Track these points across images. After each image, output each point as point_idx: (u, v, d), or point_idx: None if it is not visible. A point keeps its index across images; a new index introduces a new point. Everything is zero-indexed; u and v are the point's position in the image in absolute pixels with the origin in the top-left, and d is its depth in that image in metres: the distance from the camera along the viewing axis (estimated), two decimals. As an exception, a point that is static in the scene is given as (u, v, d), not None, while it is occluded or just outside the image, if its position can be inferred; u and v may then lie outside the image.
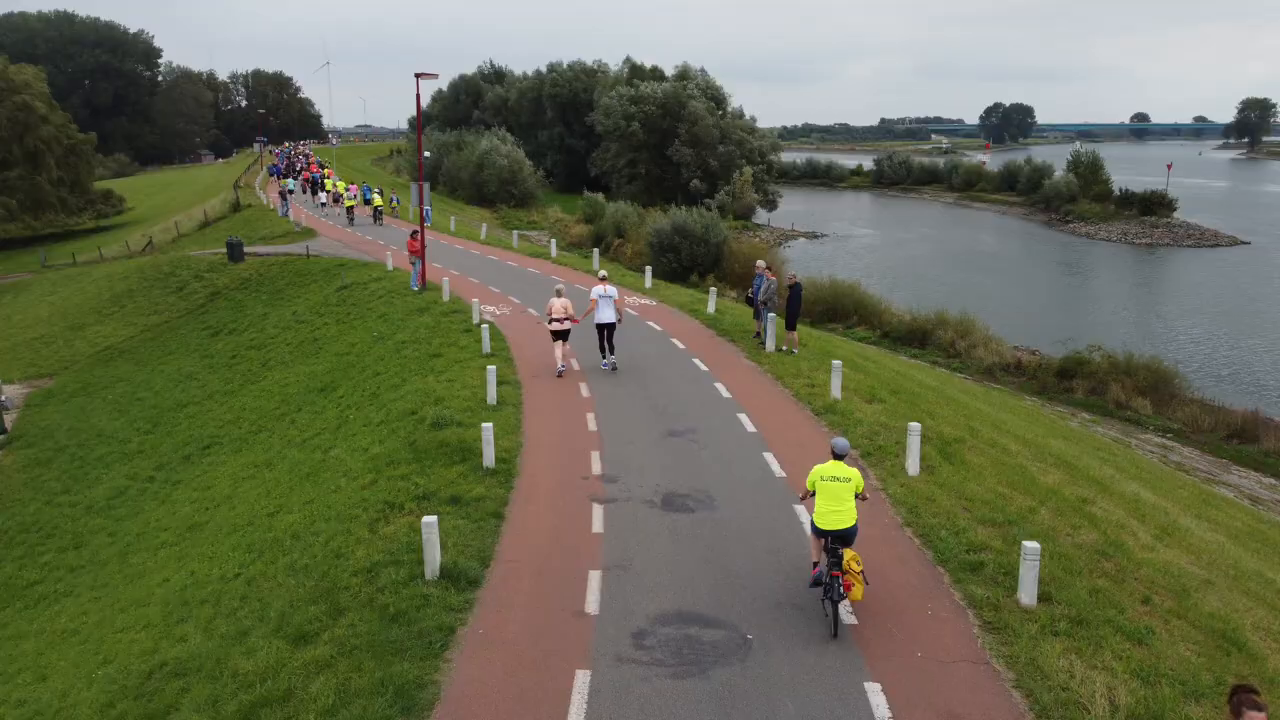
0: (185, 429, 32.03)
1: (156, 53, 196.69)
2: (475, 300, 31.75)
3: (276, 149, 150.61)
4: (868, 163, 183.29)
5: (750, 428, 20.46)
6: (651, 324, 30.68)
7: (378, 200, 64.36)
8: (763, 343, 26.93)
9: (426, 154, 48.42)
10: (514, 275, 41.13)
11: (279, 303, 41.87)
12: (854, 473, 12.59)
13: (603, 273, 30.25)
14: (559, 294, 24.88)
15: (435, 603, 13.04)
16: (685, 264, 61.63)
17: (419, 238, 36.61)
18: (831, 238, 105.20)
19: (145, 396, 36.60)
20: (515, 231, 62.19)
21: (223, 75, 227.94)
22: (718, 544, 14.87)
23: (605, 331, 25.14)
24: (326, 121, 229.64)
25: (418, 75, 36.17)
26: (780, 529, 15.34)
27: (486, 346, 26.96)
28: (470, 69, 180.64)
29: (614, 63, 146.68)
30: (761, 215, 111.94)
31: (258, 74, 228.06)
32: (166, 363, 39.84)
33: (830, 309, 50.28)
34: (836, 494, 12.45)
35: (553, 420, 21.30)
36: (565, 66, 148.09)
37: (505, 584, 13.72)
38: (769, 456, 18.69)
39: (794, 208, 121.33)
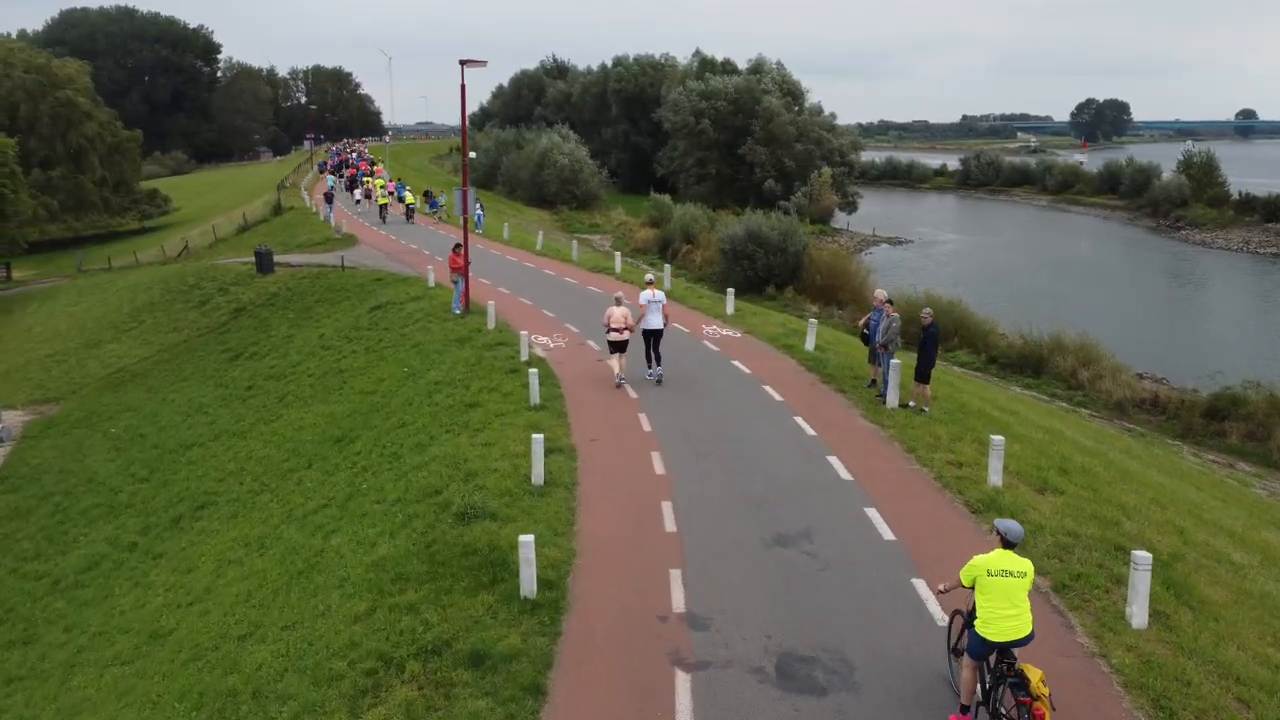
0: (183, 479, 27.22)
1: (216, 48, 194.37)
2: (524, 332, 26.49)
3: (332, 145, 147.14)
4: (952, 162, 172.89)
5: (886, 533, 14.97)
6: (738, 364, 25.15)
7: (410, 199, 62.89)
8: (882, 396, 21.35)
9: (473, 154, 43.36)
10: (572, 295, 35.77)
11: (306, 323, 37.02)
12: (1028, 565, 9.81)
13: (649, 276, 26.92)
14: (618, 302, 23.35)
15: None
16: (761, 274, 55.91)
17: (462, 253, 31.50)
18: (916, 243, 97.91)
19: (149, 433, 31.95)
20: (574, 240, 57.11)
21: (282, 71, 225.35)
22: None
23: (652, 339, 23.41)
24: (387, 118, 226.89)
25: (463, 62, 31.21)
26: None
27: (535, 395, 21.66)
28: (535, 64, 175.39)
29: (683, 56, 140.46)
30: (840, 218, 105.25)
31: (317, 70, 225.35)
32: (178, 391, 35.21)
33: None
34: (1009, 593, 9.63)
35: (617, 512, 16.01)
36: (631, 60, 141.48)
37: None
38: (920, 586, 13.21)
39: (873, 209, 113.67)
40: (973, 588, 9.88)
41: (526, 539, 13.09)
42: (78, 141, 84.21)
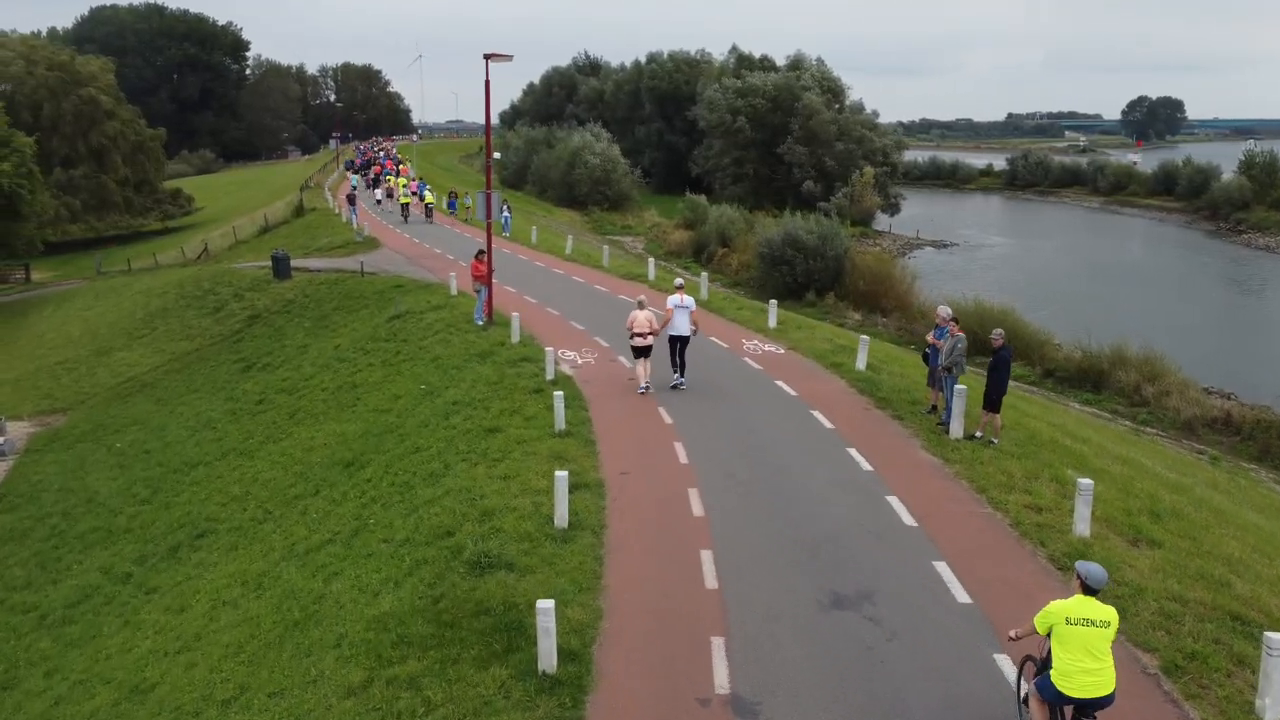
0: (185, 502, 25.49)
1: (245, 45, 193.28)
2: (550, 348, 24.53)
3: (359, 144, 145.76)
4: (998, 162, 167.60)
5: (960, 594, 12.93)
6: (783, 385, 23.05)
7: (429, 198, 62.22)
8: (944, 424, 19.25)
9: (498, 155, 41.52)
10: (603, 305, 33.72)
11: (322, 332, 35.24)
12: (1112, 614, 8.82)
13: (679, 280, 25.54)
14: (641, 306, 22.46)
15: None
16: (800, 279, 53.62)
17: (485, 260, 29.59)
18: (961, 246, 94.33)
19: (154, 449, 30.29)
20: (605, 245, 54.97)
21: (312, 69, 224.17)
22: None
23: (679, 345, 22.67)
24: (417, 117, 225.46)
25: (487, 57, 29.29)
26: None
27: (560, 421, 19.67)
28: (567, 61, 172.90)
29: (719, 53, 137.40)
30: (882, 220, 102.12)
31: (346, 67, 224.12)
32: (187, 403, 33.54)
33: (978, 339, 41.71)
34: (1089, 644, 8.68)
35: (651, 563, 14.06)
36: (666, 57, 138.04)
37: None
38: (1004, 662, 11.21)
39: (915, 211, 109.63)
40: (1049, 636, 8.92)
41: (546, 605, 11.14)
42: (100, 140, 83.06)
